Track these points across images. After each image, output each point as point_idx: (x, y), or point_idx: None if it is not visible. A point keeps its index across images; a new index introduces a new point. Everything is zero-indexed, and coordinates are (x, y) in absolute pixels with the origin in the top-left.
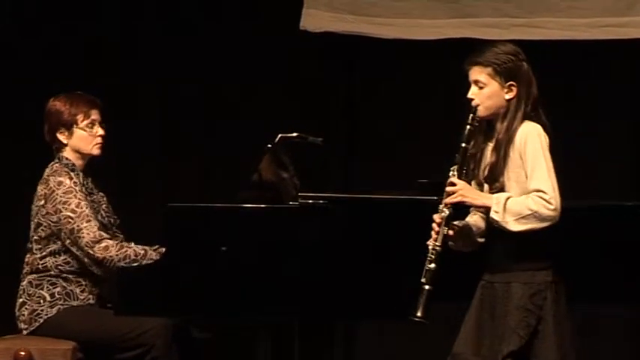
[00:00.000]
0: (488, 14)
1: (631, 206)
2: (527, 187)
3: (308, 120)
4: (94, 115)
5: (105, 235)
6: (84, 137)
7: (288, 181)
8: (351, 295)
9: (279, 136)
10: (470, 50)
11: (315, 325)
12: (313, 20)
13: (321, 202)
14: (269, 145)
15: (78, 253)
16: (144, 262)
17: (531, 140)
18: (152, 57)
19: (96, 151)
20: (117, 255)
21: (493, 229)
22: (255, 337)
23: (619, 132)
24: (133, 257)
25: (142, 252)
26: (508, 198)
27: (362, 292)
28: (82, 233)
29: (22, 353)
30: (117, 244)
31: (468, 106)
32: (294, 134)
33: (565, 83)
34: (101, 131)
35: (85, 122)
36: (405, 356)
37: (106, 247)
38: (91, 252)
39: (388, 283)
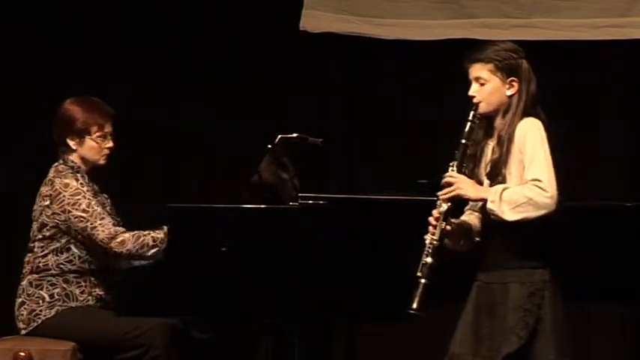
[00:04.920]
0: (488, 14)
1: (631, 206)
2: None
3: (308, 120)
4: (108, 127)
5: (120, 230)
6: (94, 147)
7: (288, 181)
8: (351, 295)
9: (279, 136)
10: (470, 50)
11: (315, 325)
12: (313, 20)
13: (321, 202)
14: (269, 146)
15: (95, 246)
16: (164, 245)
17: (531, 134)
18: (152, 56)
19: (102, 162)
20: (134, 246)
21: (489, 228)
22: (256, 337)
23: (618, 132)
24: (151, 244)
25: (161, 236)
26: (505, 189)
27: (362, 293)
28: (97, 231)
29: (22, 354)
30: (133, 235)
31: (469, 103)
32: (294, 134)
33: (565, 83)
34: (111, 143)
35: (98, 134)
36: (405, 356)
37: (123, 242)
38: (108, 248)
39: (388, 283)
